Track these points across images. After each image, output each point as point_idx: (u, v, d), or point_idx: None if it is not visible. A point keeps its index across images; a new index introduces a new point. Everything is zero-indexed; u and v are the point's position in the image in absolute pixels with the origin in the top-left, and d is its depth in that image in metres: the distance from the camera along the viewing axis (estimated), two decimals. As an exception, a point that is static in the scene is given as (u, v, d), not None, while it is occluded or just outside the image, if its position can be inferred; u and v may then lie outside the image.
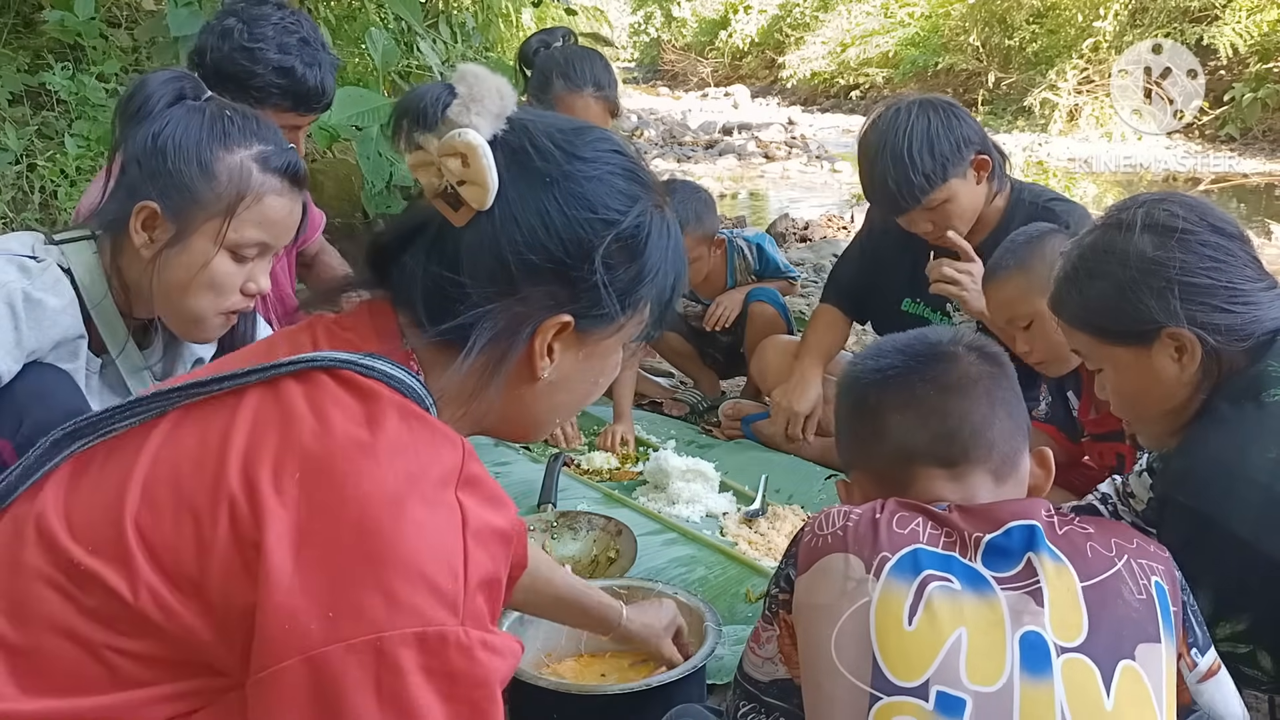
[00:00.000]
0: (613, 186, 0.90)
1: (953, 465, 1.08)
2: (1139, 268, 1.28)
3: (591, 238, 0.88)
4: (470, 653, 0.74)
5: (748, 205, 8.05)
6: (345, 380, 0.83)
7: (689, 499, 2.33)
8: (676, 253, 0.97)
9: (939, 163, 2.16)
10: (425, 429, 0.82)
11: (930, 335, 1.18)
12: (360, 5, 4.25)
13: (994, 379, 1.12)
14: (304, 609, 0.72)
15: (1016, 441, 1.11)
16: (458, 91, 0.85)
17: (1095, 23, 10.68)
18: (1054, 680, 0.92)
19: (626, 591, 1.72)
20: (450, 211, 0.87)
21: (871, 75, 14.73)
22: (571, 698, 1.51)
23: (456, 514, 0.77)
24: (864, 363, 1.19)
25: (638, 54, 23.98)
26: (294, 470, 0.76)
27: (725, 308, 2.82)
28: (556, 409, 0.97)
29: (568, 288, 0.88)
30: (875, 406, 1.13)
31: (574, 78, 2.57)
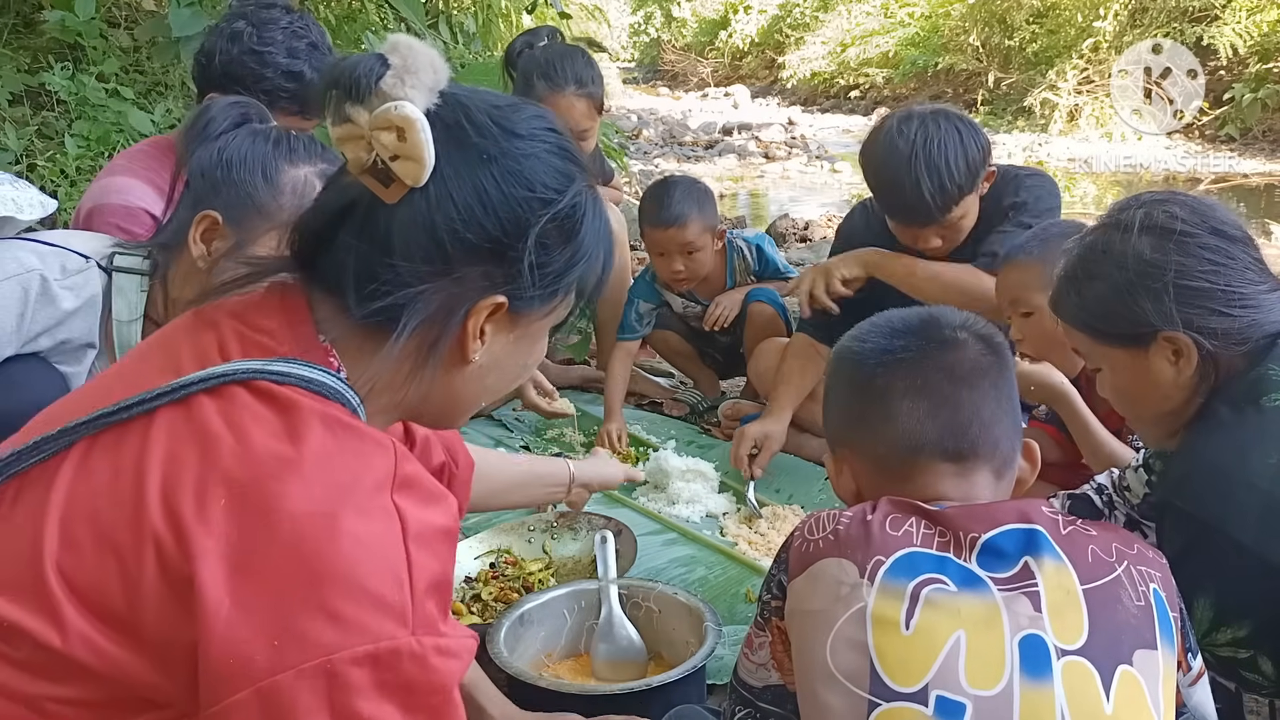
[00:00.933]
0: (550, 165, 0.88)
1: (960, 460, 1.05)
2: (1136, 270, 1.28)
3: (529, 216, 0.86)
4: (424, 661, 0.72)
5: (748, 205, 8.05)
6: (261, 392, 0.78)
7: (689, 499, 2.33)
8: (607, 236, 0.95)
9: (971, 174, 2.16)
10: (352, 436, 0.78)
11: (941, 318, 1.13)
12: (360, 5, 4.25)
13: (999, 371, 1.09)
14: (247, 640, 0.69)
15: (1015, 438, 1.10)
16: (391, 63, 0.82)
17: (1095, 23, 10.68)
18: (1054, 683, 0.91)
19: (626, 591, 1.73)
20: (380, 188, 0.83)
21: (871, 75, 14.72)
22: (571, 698, 1.51)
23: (395, 521, 0.74)
24: (871, 340, 1.13)
25: (638, 54, 23.98)
26: (219, 497, 0.72)
27: (724, 308, 2.82)
28: (484, 393, 0.94)
29: (503, 268, 0.86)
30: (884, 389, 1.08)
31: (554, 77, 2.56)
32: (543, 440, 2.77)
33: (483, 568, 1.99)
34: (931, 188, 2.12)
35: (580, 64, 2.61)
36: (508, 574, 1.96)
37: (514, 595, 1.85)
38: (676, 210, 2.68)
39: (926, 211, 2.17)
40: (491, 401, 0.97)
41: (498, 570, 1.98)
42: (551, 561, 2.03)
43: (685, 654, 1.58)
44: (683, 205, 2.68)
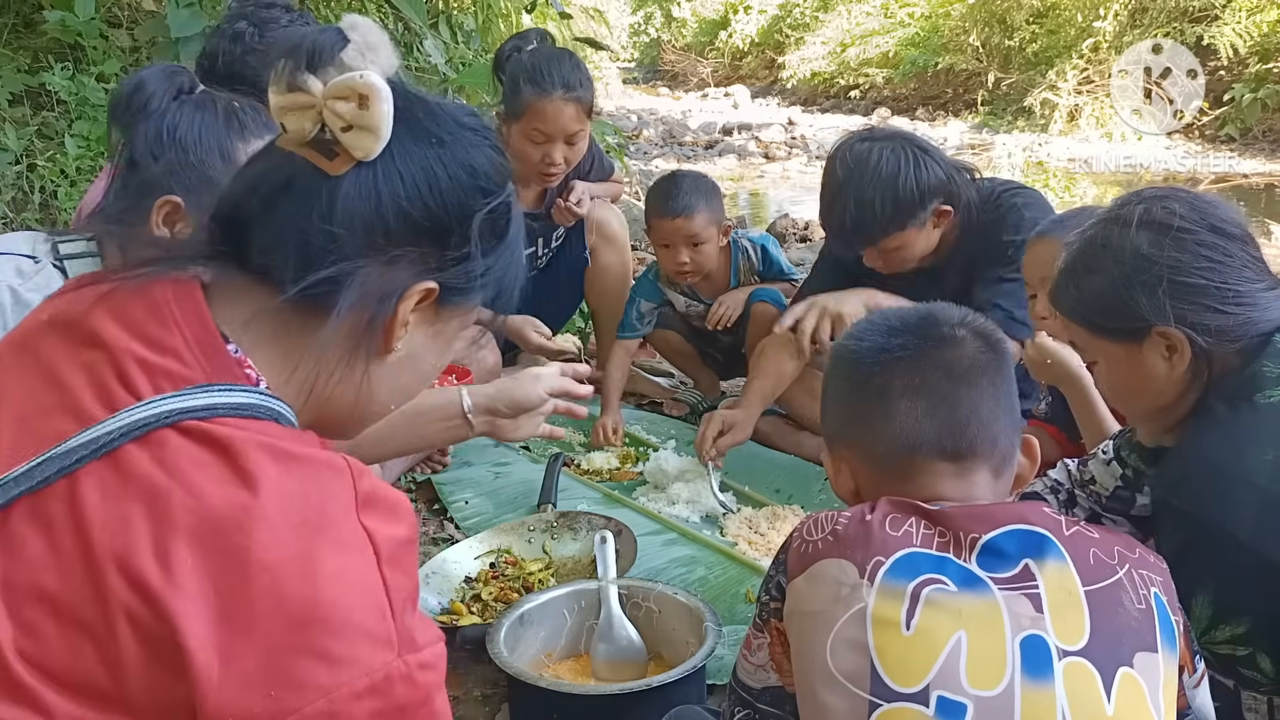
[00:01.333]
0: (490, 158, 0.89)
1: (959, 459, 1.05)
2: (1132, 265, 1.28)
3: (472, 204, 0.86)
4: (412, 680, 0.73)
5: (748, 205, 8.05)
6: (192, 433, 0.73)
7: (689, 499, 2.33)
8: (521, 254, 0.95)
9: (900, 212, 2.15)
10: (300, 465, 0.75)
11: (938, 315, 1.13)
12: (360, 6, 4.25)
13: (997, 368, 1.09)
14: (244, 698, 0.68)
15: (1014, 437, 1.10)
16: (351, 38, 0.82)
17: (1095, 23, 10.68)
18: (1055, 684, 0.91)
19: (626, 591, 1.73)
20: (324, 160, 0.81)
21: (871, 75, 14.72)
22: (571, 698, 1.51)
23: (367, 546, 0.74)
24: (869, 339, 1.13)
25: (638, 54, 23.98)
26: (184, 557, 0.69)
27: (728, 307, 2.82)
28: (397, 393, 0.92)
29: (439, 253, 0.85)
30: (882, 388, 1.08)
31: (542, 82, 2.54)
32: (542, 440, 2.77)
33: (483, 568, 1.99)
34: (854, 217, 2.14)
35: (568, 67, 2.60)
36: (508, 574, 1.96)
37: (514, 595, 1.85)
38: (684, 201, 2.68)
39: (847, 238, 2.20)
40: (399, 406, 0.94)
41: (498, 570, 1.98)
42: (551, 561, 2.03)
43: (685, 654, 1.58)
44: (690, 196, 2.69)
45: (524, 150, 2.62)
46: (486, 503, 2.35)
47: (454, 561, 2.00)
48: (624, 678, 1.60)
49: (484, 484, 2.45)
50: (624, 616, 1.69)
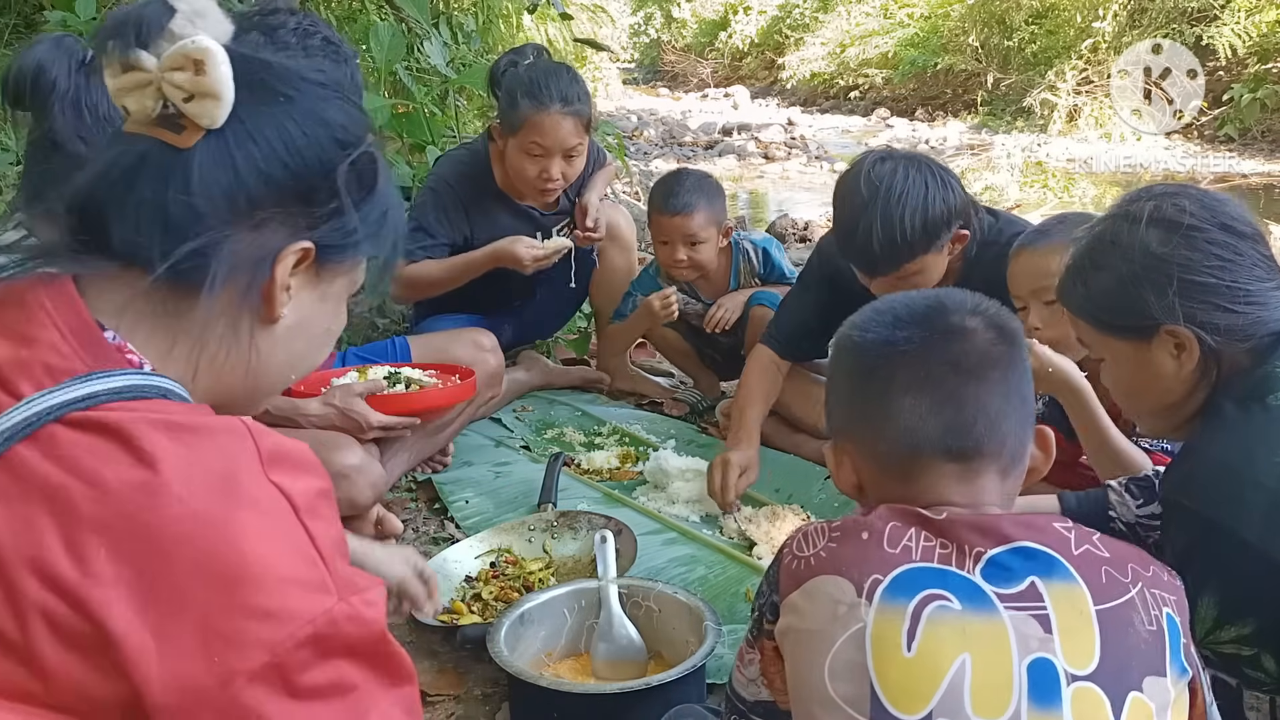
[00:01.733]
0: (344, 110, 0.87)
1: (964, 460, 1.00)
2: (1142, 263, 1.28)
3: (332, 157, 0.84)
4: (359, 618, 0.73)
5: (748, 205, 8.05)
6: (81, 424, 0.72)
7: (689, 499, 2.34)
8: (400, 205, 0.94)
9: (929, 234, 2.05)
10: (197, 435, 0.74)
11: (948, 303, 1.06)
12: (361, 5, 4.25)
13: (1010, 361, 1.03)
14: (187, 670, 0.68)
15: (1026, 433, 1.05)
16: (178, 7, 0.80)
17: (1094, 23, 10.68)
18: (1063, 712, 0.87)
19: (626, 591, 1.73)
20: (173, 135, 0.79)
21: (871, 76, 14.72)
22: (572, 696, 1.51)
23: (281, 500, 0.73)
24: (875, 329, 1.07)
25: (638, 55, 23.98)
26: (96, 548, 0.68)
27: (727, 310, 2.82)
28: (293, 360, 0.91)
29: (308, 212, 0.84)
30: (885, 384, 1.03)
31: (540, 96, 2.53)
32: (543, 440, 2.78)
33: (483, 567, 2.00)
34: (881, 239, 2.02)
35: (566, 81, 2.58)
36: (508, 573, 1.96)
37: (514, 594, 1.86)
38: (685, 199, 2.68)
39: (872, 261, 2.08)
40: (300, 376, 0.94)
41: (498, 569, 1.99)
42: (551, 561, 2.04)
43: (685, 653, 1.58)
44: (691, 195, 2.69)
45: (521, 165, 2.61)
46: (487, 502, 2.36)
47: (454, 561, 2.00)
48: (624, 677, 1.60)
49: (484, 483, 2.46)
50: (624, 616, 1.69)
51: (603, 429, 2.84)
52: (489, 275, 2.74)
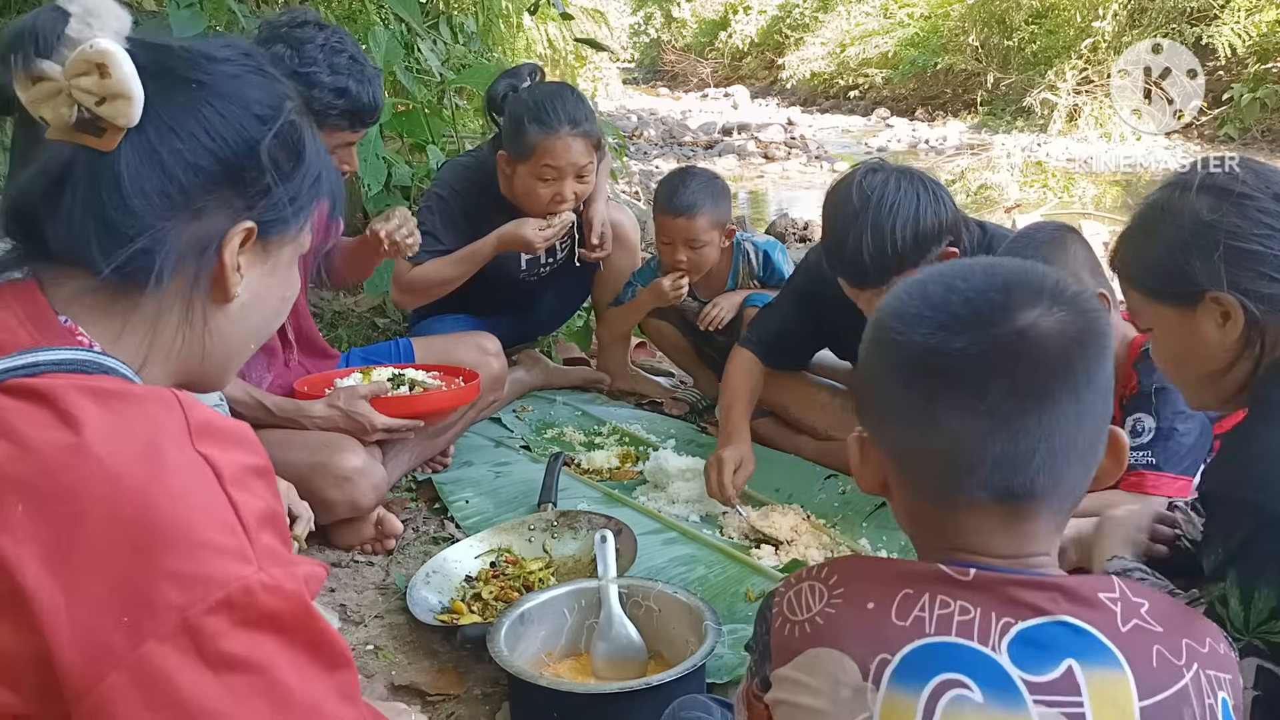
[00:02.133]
0: (257, 84, 0.87)
1: (1014, 502, 0.84)
2: (1190, 228, 1.28)
3: (254, 134, 0.85)
4: (280, 589, 0.72)
5: (748, 205, 8.05)
6: (14, 390, 0.74)
7: (689, 498, 2.34)
8: (329, 162, 0.95)
9: (920, 246, 2.03)
10: (124, 401, 0.75)
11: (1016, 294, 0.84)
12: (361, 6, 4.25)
13: (1086, 364, 0.83)
14: (97, 627, 0.67)
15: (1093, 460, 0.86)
16: (71, 10, 0.79)
17: (1094, 23, 10.69)
18: None
19: (626, 590, 1.73)
20: (94, 140, 0.79)
21: (871, 76, 14.73)
22: (571, 696, 1.51)
23: (205, 468, 0.73)
24: (921, 328, 0.85)
25: (638, 55, 23.98)
26: (13, 504, 0.69)
27: (721, 309, 2.82)
28: (252, 334, 0.93)
29: (242, 193, 0.85)
30: (929, 396, 0.84)
31: (547, 120, 2.51)
32: (543, 439, 2.78)
33: (483, 567, 2.00)
34: (872, 250, 2.00)
35: (572, 103, 2.56)
36: (508, 573, 1.97)
37: (514, 594, 1.86)
38: (688, 200, 2.67)
39: (862, 273, 2.06)
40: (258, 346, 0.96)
41: (498, 569, 1.99)
42: (551, 560, 2.04)
43: (685, 653, 1.58)
44: (696, 196, 2.67)
45: (532, 189, 2.58)
46: (487, 502, 2.36)
47: (454, 560, 2.01)
48: (624, 676, 1.60)
49: (484, 483, 2.46)
50: (624, 615, 1.70)
51: (603, 429, 2.84)
52: (490, 277, 2.74)
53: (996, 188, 7.14)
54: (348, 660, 0.77)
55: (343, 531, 2.16)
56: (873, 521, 2.26)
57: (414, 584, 1.90)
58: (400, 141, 3.77)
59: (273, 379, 2.26)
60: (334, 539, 2.17)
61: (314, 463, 2.04)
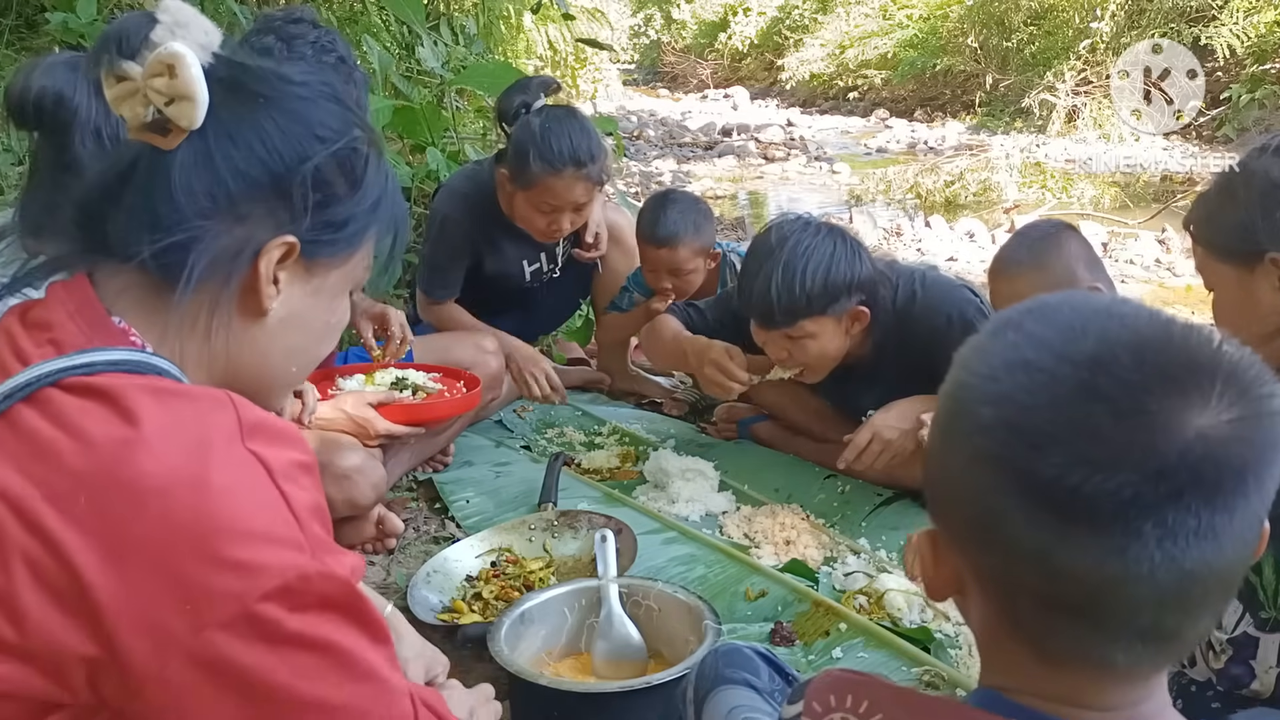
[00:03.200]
0: (326, 109, 0.90)
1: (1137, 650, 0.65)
2: (1261, 188, 1.31)
3: (308, 152, 0.87)
4: (332, 576, 0.76)
5: (747, 206, 8.06)
6: (75, 388, 0.77)
7: (689, 498, 2.34)
8: (398, 196, 0.96)
9: (828, 294, 2.06)
10: (180, 399, 0.79)
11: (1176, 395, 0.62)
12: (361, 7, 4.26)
13: (1256, 486, 0.62)
14: (158, 615, 0.70)
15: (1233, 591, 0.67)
16: (161, 19, 0.84)
17: (1092, 24, 10.69)
18: None
19: (626, 590, 1.74)
20: (159, 138, 0.83)
21: (870, 77, 14.72)
22: (572, 695, 1.52)
23: (257, 465, 0.76)
24: (1060, 443, 0.62)
25: (637, 56, 23.98)
26: (78, 497, 0.72)
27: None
28: (292, 354, 0.93)
29: (288, 206, 0.86)
30: (1059, 528, 0.62)
31: (552, 158, 2.48)
32: (543, 440, 2.79)
33: (483, 566, 2.01)
34: (780, 288, 2.03)
35: (579, 138, 2.51)
36: (508, 572, 1.97)
37: (514, 594, 1.86)
38: (669, 231, 2.67)
39: (768, 312, 2.09)
40: (305, 370, 0.97)
41: (498, 569, 1.99)
42: (552, 560, 2.04)
43: (685, 652, 1.59)
44: (677, 226, 2.66)
45: (530, 217, 2.60)
46: (487, 502, 2.36)
47: (455, 560, 2.01)
48: (624, 676, 1.61)
49: (485, 483, 2.46)
50: (624, 615, 1.70)
51: (603, 429, 2.84)
52: (494, 284, 2.78)
53: (996, 188, 7.15)
54: (388, 636, 0.82)
55: (343, 530, 2.16)
56: (872, 521, 2.26)
57: (415, 583, 1.91)
58: (400, 142, 3.77)
59: None
60: (335, 538, 2.17)
61: (314, 462, 2.04)
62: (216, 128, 0.84)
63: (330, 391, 2.25)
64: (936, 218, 6.38)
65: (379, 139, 0.95)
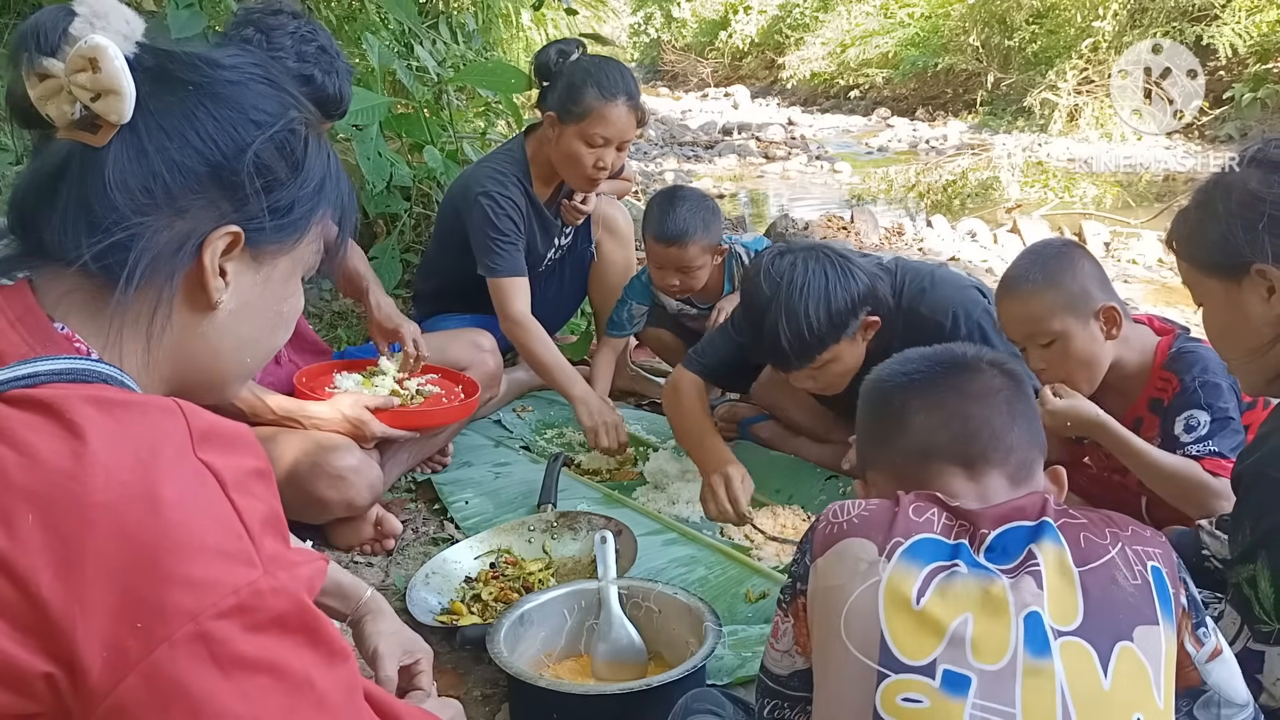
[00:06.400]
0: (259, 92, 0.87)
1: (970, 465, 1.10)
2: (1239, 200, 1.31)
3: (245, 139, 0.84)
4: (286, 591, 0.74)
5: (748, 205, 8.05)
6: (18, 401, 0.74)
7: (689, 499, 2.33)
8: (340, 177, 0.94)
9: (835, 325, 2.04)
10: (128, 410, 0.76)
11: (956, 348, 1.20)
12: (360, 6, 4.25)
13: (1014, 392, 1.14)
14: (111, 633, 0.69)
15: (1033, 452, 1.13)
16: (79, 10, 0.81)
17: (1094, 23, 10.68)
18: (1054, 661, 0.94)
19: (626, 591, 1.73)
20: (89, 136, 0.81)
21: (871, 76, 14.72)
22: (571, 697, 1.51)
23: (208, 476, 0.74)
24: (889, 369, 1.21)
25: (638, 54, 23.98)
26: (24, 515, 0.70)
27: (726, 314, 2.82)
28: (244, 346, 0.91)
29: (229, 197, 0.84)
30: (900, 408, 1.15)
31: (606, 86, 2.58)
32: (542, 440, 2.78)
33: (483, 568, 2.00)
34: (789, 335, 2.02)
35: (628, 75, 2.66)
36: (508, 574, 1.96)
37: (514, 595, 1.85)
38: (679, 228, 2.65)
39: (784, 358, 2.08)
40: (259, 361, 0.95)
41: (498, 570, 1.98)
42: (551, 561, 2.04)
43: (685, 654, 1.58)
44: (687, 224, 2.65)
45: (578, 151, 2.61)
46: (487, 503, 2.36)
47: (454, 561, 2.00)
48: (624, 678, 1.60)
49: (484, 484, 2.46)
50: (624, 616, 1.69)
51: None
52: None
53: (997, 187, 7.14)
54: (347, 654, 0.79)
55: (341, 531, 2.15)
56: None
57: (413, 585, 1.90)
58: (399, 141, 3.76)
59: (260, 375, 2.25)
60: (333, 539, 2.16)
61: (310, 461, 2.04)
62: (147, 120, 0.82)
63: (328, 390, 2.24)
64: (938, 217, 6.38)
65: (315, 119, 0.92)
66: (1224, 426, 1.82)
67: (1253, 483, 1.28)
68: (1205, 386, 1.83)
